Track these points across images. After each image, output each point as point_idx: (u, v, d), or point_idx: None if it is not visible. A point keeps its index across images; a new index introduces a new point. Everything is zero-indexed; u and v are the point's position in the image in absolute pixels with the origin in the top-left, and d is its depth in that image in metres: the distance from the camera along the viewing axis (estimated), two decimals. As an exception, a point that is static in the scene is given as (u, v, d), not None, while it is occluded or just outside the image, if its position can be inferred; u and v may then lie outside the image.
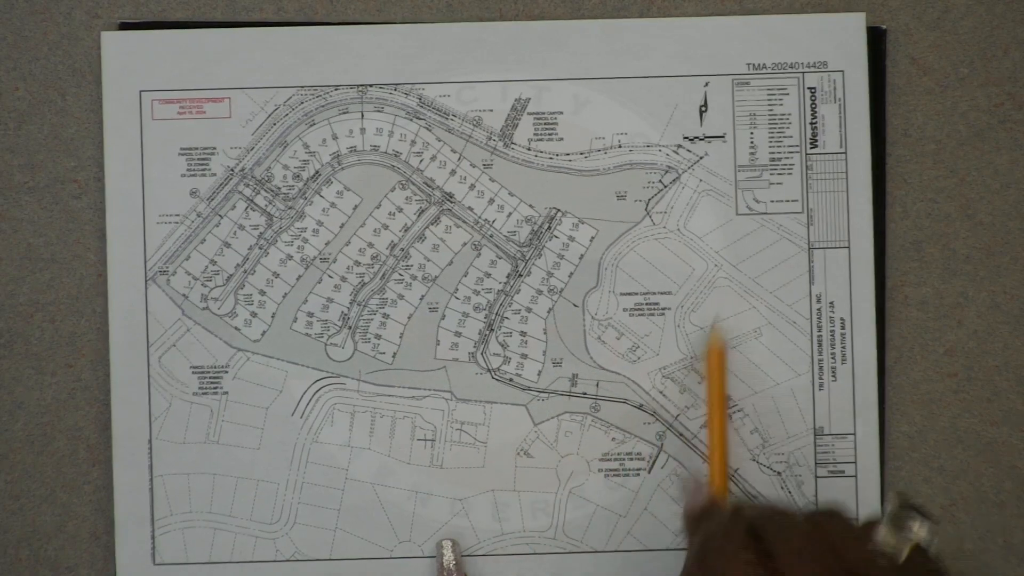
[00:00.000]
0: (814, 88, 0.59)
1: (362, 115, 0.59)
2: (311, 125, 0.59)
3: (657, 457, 0.59)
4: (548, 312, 0.59)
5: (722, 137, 0.59)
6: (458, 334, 0.59)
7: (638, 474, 0.59)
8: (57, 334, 0.59)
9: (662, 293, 0.59)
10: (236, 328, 0.59)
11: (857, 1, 0.60)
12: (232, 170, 0.59)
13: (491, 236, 0.59)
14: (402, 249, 0.59)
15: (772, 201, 0.59)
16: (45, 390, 0.59)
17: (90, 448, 0.59)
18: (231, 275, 0.59)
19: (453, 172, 0.59)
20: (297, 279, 0.59)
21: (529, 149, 0.59)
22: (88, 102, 0.59)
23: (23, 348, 0.59)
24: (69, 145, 0.59)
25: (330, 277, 0.59)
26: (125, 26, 0.59)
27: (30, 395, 0.59)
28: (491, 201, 0.59)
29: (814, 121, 0.59)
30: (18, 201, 0.59)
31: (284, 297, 0.59)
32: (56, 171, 0.59)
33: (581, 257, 0.59)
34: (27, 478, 0.59)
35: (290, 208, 0.59)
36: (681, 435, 0.59)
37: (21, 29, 0.59)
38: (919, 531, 0.44)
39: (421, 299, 0.59)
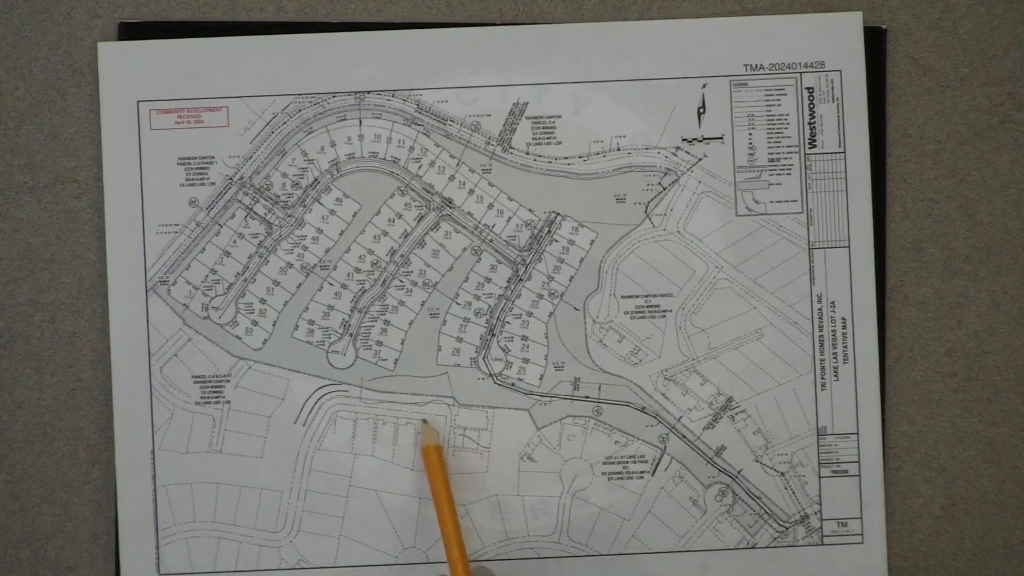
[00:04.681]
0: (812, 88, 0.59)
1: (360, 122, 0.59)
2: (309, 133, 0.59)
3: (660, 459, 0.59)
4: (549, 316, 0.59)
5: (720, 138, 0.59)
6: (459, 339, 0.59)
7: (642, 477, 0.59)
8: (57, 334, 0.59)
9: (663, 295, 0.59)
10: (237, 337, 0.59)
11: (856, 1, 0.59)
12: (231, 179, 0.59)
13: (491, 241, 0.59)
14: (402, 255, 0.59)
15: (772, 202, 0.59)
16: (45, 390, 0.59)
17: (90, 448, 0.59)
18: (231, 284, 0.59)
19: (452, 177, 0.59)
20: (297, 287, 0.59)
21: (528, 153, 0.59)
22: (88, 102, 0.59)
23: (23, 348, 0.59)
24: (69, 145, 0.59)
25: (330, 284, 0.59)
26: (124, 27, 0.58)
27: (30, 395, 0.59)
28: (490, 206, 0.59)
29: (812, 121, 0.59)
30: (18, 201, 0.59)
31: (285, 305, 0.59)
32: (56, 171, 0.59)
33: (581, 260, 0.59)
34: (27, 478, 0.59)
35: (289, 216, 0.59)
36: (684, 437, 0.59)
37: (21, 29, 0.59)
38: None
39: (422, 305, 0.59)
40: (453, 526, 0.55)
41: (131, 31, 0.59)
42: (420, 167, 0.59)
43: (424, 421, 0.58)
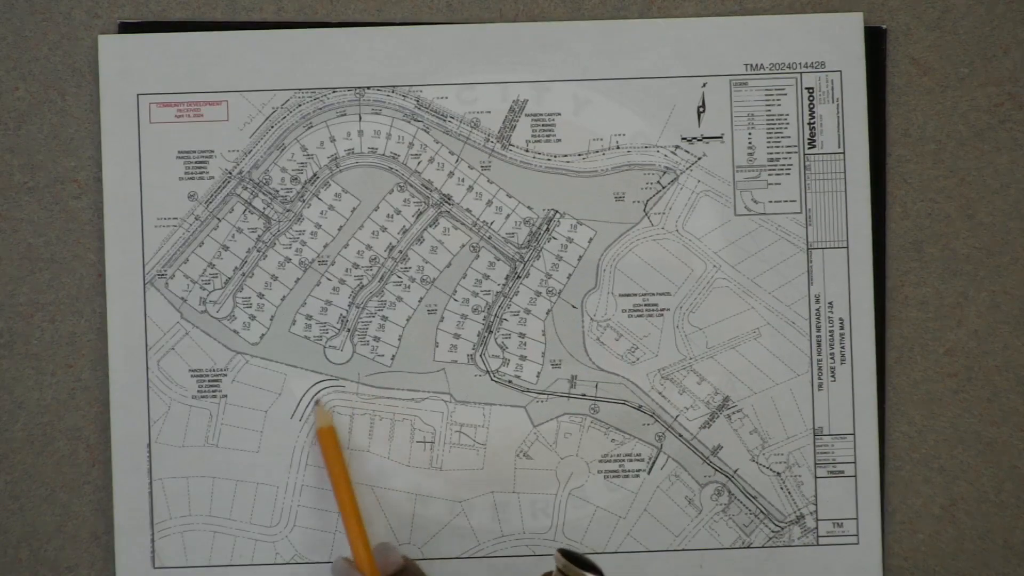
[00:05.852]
0: (812, 88, 0.59)
1: (360, 117, 0.59)
2: (309, 128, 0.59)
3: (656, 458, 0.59)
4: (547, 314, 0.59)
5: (720, 138, 0.59)
6: (457, 336, 0.59)
7: (638, 475, 0.59)
8: (57, 334, 0.59)
9: (661, 294, 0.59)
10: (235, 331, 0.59)
11: (856, 1, 0.59)
12: (230, 173, 0.59)
13: (489, 238, 0.59)
14: (400, 251, 0.59)
15: (770, 201, 0.59)
16: (45, 390, 0.59)
17: (90, 448, 0.59)
18: (229, 278, 0.59)
19: (451, 174, 0.59)
20: (295, 282, 0.59)
21: (527, 151, 0.59)
22: (88, 102, 0.59)
23: (23, 348, 0.59)
24: (69, 145, 0.59)
25: (328, 280, 0.59)
26: (124, 26, 0.59)
27: (30, 395, 0.59)
28: (489, 203, 0.59)
29: (812, 121, 0.59)
30: (18, 201, 0.59)
31: (283, 300, 0.59)
32: (56, 171, 0.59)
33: (580, 258, 0.59)
34: (27, 478, 0.59)
35: (288, 211, 0.59)
36: (680, 436, 0.59)
37: (21, 29, 0.59)
38: None
39: (420, 301, 0.59)
40: (351, 505, 0.55)
41: (131, 31, 0.59)
42: (419, 163, 0.59)
43: (317, 402, 0.58)
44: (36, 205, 0.59)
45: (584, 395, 0.59)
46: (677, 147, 0.59)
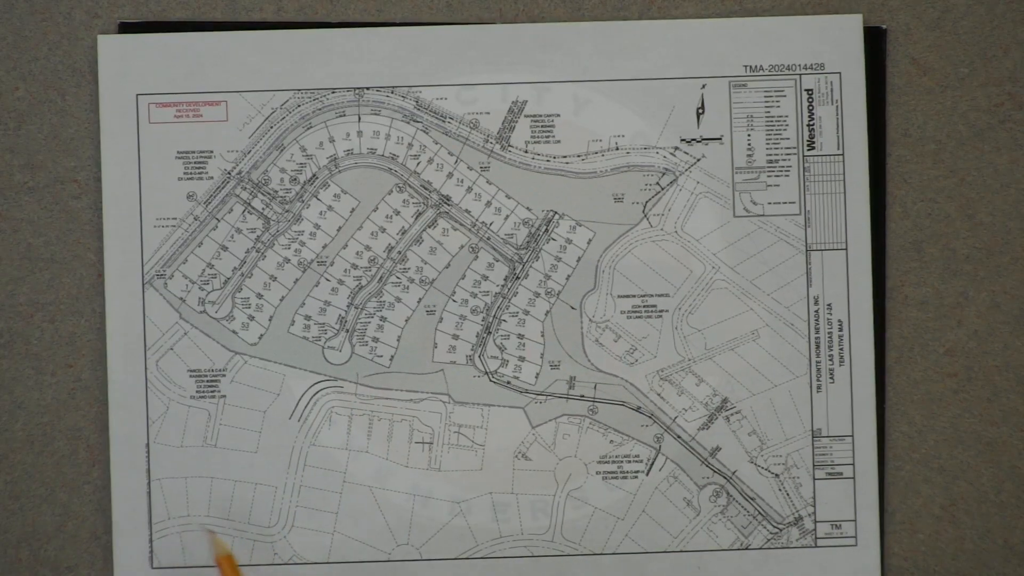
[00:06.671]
0: (811, 90, 0.59)
1: (359, 118, 0.59)
2: (308, 128, 0.59)
3: (655, 459, 0.59)
4: (546, 315, 0.59)
5: (719, 139, 0.59)
6: (455, 337, 0.59)
7: (636, 476, 0.59)
8: (57, 334, 0.59)
9: (660, 295, 0.59)
10: (233, 331, 0.59)
11: (856, 1, 0.59)
12: (229, 173, 0.59)
13: (488, 239, 0.59)
14: (399, 252, 0.59)
15: (769, 203, 0.59)
16: (45, 390, 0.59)
17: (90, 448, 0.59)
18: (228, 278, 0.59)
19: (450, 175, 0.59)
20: (294, 282, 0.59)
21: (526, 152, 0.59)
22: (88, 102, 0.59)
23: (23, 348, 0.59)
24: (69, 145, 0.59)
25: (327, 280, 0.59)
26: (124, 26, 0.59)
27: (30, 395, 0.59)
28: (488, 204, 0.59)
29: (811, 123, 0.59)
30: (18, 201, 0.59)
31: (281, 300, 0.59)
32: (56, 171, 0.59)
33: (578, 259, 0.59)
34: (27, 478, 0.59)
35: (287, 211, 0.59)
36: (679, 437, 0.59)
37: (21, 29, 0.59)
38: None
39: (418, 302, 0.59)
40: None
41: (131, 31, 0.59)
42: (418, 164, 0.59)
43: (211, 531, 0.58)
44: (36, 205, 0.59)
45: (583, 396, 0.59)
46: (676, 148, 0.59)
